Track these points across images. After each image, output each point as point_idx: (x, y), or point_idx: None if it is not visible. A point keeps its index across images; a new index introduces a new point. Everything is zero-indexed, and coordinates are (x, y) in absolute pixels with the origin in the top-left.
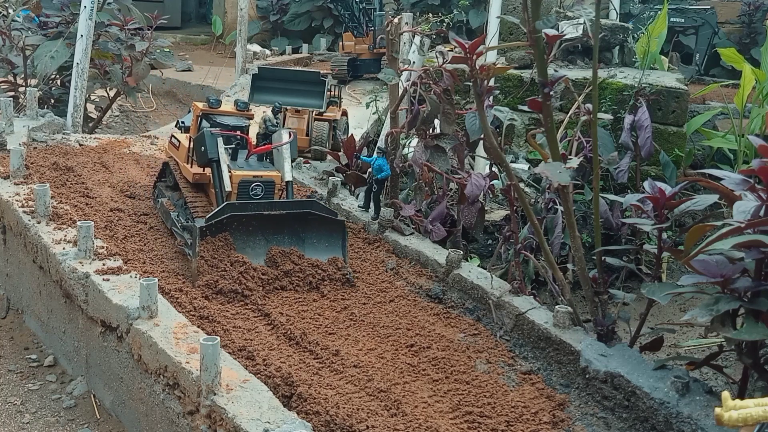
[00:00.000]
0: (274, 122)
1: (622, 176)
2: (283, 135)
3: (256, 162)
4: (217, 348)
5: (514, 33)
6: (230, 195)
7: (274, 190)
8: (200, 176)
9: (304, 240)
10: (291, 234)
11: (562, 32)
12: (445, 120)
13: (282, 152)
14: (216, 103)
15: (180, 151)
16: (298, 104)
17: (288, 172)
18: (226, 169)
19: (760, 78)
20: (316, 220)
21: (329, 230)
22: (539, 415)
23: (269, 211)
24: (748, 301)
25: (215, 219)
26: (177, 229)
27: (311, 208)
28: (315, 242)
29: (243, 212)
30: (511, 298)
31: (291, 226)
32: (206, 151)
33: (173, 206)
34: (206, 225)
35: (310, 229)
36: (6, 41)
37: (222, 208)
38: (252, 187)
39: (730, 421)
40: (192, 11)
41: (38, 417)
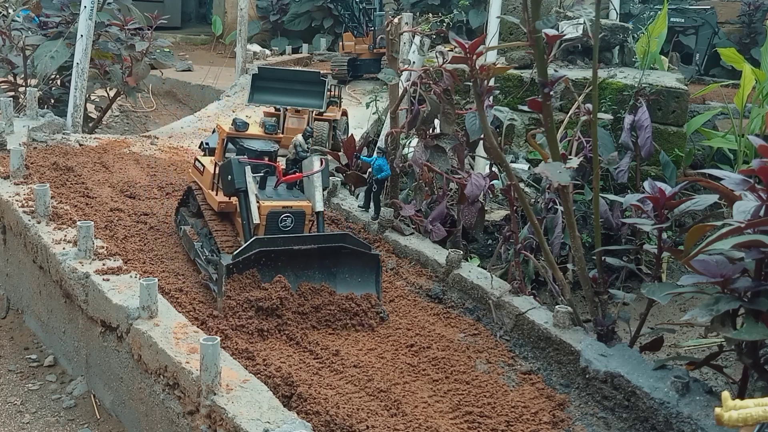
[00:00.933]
0: (304, 147)
1: (622, 176)
2: (315, 162)
3: (286, 191)
4: (217, 348)
5: (514, 33)
6: (258, 227)
7: (305, 221)
8: (226, 205)
9: (335, 275)
10: (322, 269)
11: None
12: (445, 120)
13: (313, 180)
14: (243, 126)
15: (204, 177)
16: (298, 104)
17: (319, 202)
18: (254, 200)
19: (760, 78)
20: (348, 253)
21: (362, 264)
22: (539, 415)
23: (300, 246)
24: (748, 301)
25: (243, 256)
26: (201, 262)
27: (344, 242)
28: (347, 277)
29: (272, 248)
30: (511, 298)
31: (322, 260)
32: (233, 180)
33: (197, 235)
34: (233, 262)
35: (341, 263)
36: (6, 41)
37: (250, 243)
38: (281, 219)
39: (730, 421)
40: (192, 11)
41: (38, 417)
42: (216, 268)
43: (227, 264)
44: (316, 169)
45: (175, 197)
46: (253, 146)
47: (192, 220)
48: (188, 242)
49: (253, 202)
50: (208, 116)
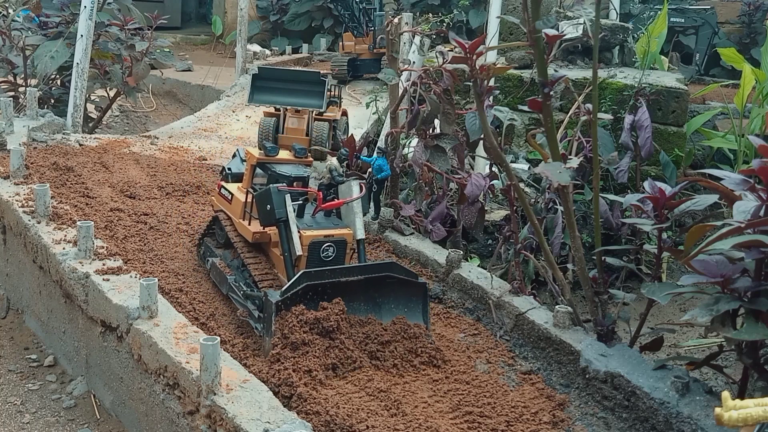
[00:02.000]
0: (340, 171)
1: (622, 176)
2: (353, 187)
3: (324, 218)
4: (217, 348)
5: (514, 33)
6: (300, 258)
7: (346, 250)
8: (261, 235)
9: (380, 306)
10: (367, 299)
11: (562, 32)
12: (445, 120)
13: (352, 206)
14: (273, 151)
15: (233, 206)
16: (298, 104)
17: (360, 230)
18: (295, 230)
19: (760, 78)
20: (394, 282)
21: (408, 294)
22: (539, 415)
23: (347, 278)
24: (748, 301)
25: (291, 291)
26: (237, 297)
27: (390, 271)
28: (393, 308)
29: (319, 281)
30: (511, 298)
31: (367, 290)
32: (273, 210)
33: (228, 268)
34: (282, 299)
35: (387, 293)
36: (6, 41)
37: (298, 278)
38: (323, 248)
39: (730, 421)
40: (192, 11)
41: (38, 417)
42: (256, 304)
43: (276, 301)
44: (356, 195)
45: (175, 197)
46: (284, 171)
47: (220, 252)
48: (219, 275)
49: (294, 233)
50: (208, 116)
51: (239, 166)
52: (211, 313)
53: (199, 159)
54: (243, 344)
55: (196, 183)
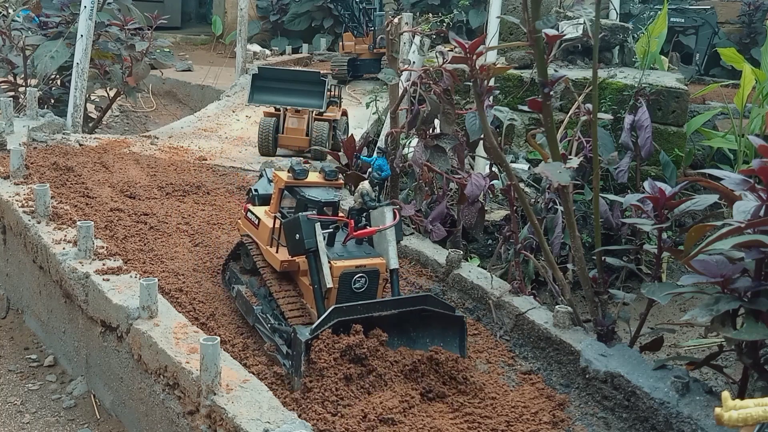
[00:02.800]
0: (372, 196)
1: (622, 176)
2: (387, 213)
3: (356, 247)
4: (217, 348)
5: (514, 33)
6: (330, 290)
7: (379, 281)
8: (289, 264)
9: (415, 340)
10: (400, 333)
11: (562, 32)
12: (445, 120)
13: (386, 234)
14: (302, 174)
15: (260, 232)
16: (298, 104)
17: (393, 259)
18: (326, 260)
19: (760, 78)
20: (429, 316)
21: (444, 327)
22: (539, 415)
23: (380, 312)
24: (748, 301)
25: (322, 329)
26: (265, 330)
27: (425, 304)
28: (428, 342)
29: (352, 316)
30: (511, 298)
31: (401, 324)
32: (302, 240)
33: (254, 297)
34: (312, 337)
35: (422, 327)
36: (6, 41)
37: (329, 314)
38: (355, 279)
39: (730, 421)
40: (192, 11)
41: (38, 417)
42: (285, 338)
43: (306, 340)
44: (390, 222)
45: (175, 197)
46: (314, 196)
47: (246, 278)
48: (244, 305)
49: (324, 263)
50: (208, 116)
51: (266, 187)
52: (211, 313)
53: (199, 159)
54: (243, 344)
55: (196, 183)
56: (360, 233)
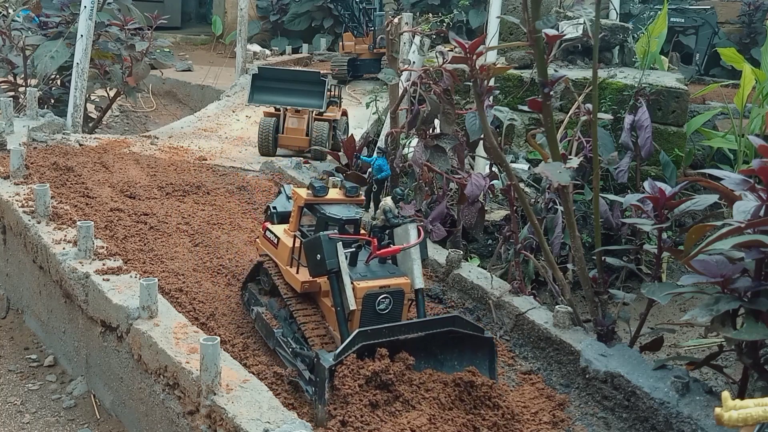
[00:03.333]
0: (395, 213)
1: (622, 176)
2: (411, 231)
3: (379, 266)
4: (217, 348)
5: (514, 33)
6: (353, 312)
7: (404, 301)
8: (310, 285)
9: (443, 363)
10: (427, 356)
11: (562, 32)
12: (445, 120)
13: (410, 252)
14: (322, 191)
15: (280, 251)
16: (298, 104)
17: (418, 278)
18: (348, 281)
19: (760, 78)
20: (457, 337)
21: (473, 349)
22: (539, 415)
23: (407, 335)
24: (748, 301)
25: (345, 354)
26: (286, 355)
27: (453, 325)
28: (456, 364)
29: (377, 340)
30: (511, 298)
31: (428, 346)
32: (324, 260)
33: (274, 319)
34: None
35: (449, 349)
36: (6, 41)
37: (353, 339)
38: (379, 301)
39: (730, 421)
40: (192, 11)
41: (38, 417)
42: (307, 363)
43: (330, 366)
44: (414, 240)
45: (175, 197)
46: (334, 213)
47: (265, 300)
48: (264, 327)
49: (347, 284)
50: (208, 116)
51: (285, 205)
52: (211, 313)
53: (199, 159)
54: (243, 344)
55: (196, 183)
56: (383, 252)
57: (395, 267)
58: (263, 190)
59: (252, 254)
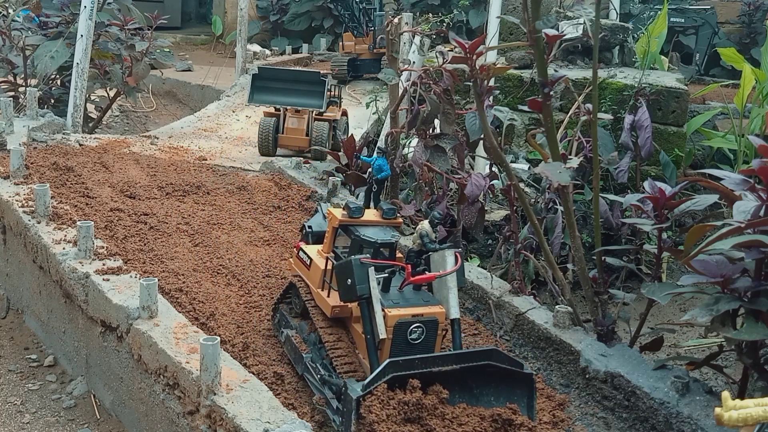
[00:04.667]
0: (432, 237)
1: (622, 176)
2: (448, 258)
3: (413, 293)
4: (217, 348)
5: (514, 33)
6: (384, 341)
7: (437, 331)
8: (341, 310)
9: (478, 398)
10: (462, 390)
11: (562, 32)
12: (445, 120)
13: (446, 280)
14: (357, 212)
15: (312, 273)
16: (298, 104)
17: (454, 308)
18: (379, 308)
19: (760, 78)
20: (495, 372)
21: (511, 385)
22: (539, 415)
23: (441, 368)
24: (748, 301)
25: (374, 385)
26: (314, 380)
27: (490, 359)
28: (492, 400)
29: (409, 371)
30: (511, 298)
31: (463, 380)
32: (354, 286)
33: (303, 343)
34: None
35: (486, 383)
36: (6, 41)
37: (383, 369)
38: (411, 330)
39: (730, 421)
40: (192, 11)
41: (38, 417)
42: (335, 391)
43: (357, 397)
44: (451, 267)
45: (175, 197)
46: (369, 236)
47: (296, 322)
48: (294, 351)
49: (378, 312)
50: (208, 116)
51: (321, 224)
52: (211, 313)
53: (199, 159)
54: (243, 344)
55: (196, 183)
56: (418, 279)
57: (430, 295)
58: (263, 190)
59: (252, 254)
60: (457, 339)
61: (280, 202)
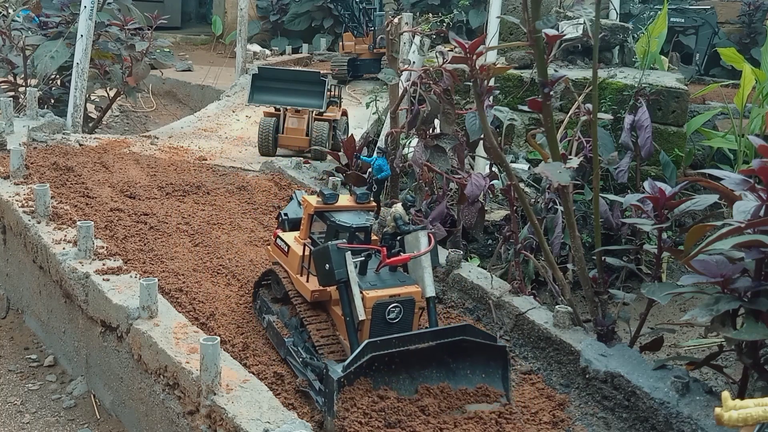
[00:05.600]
0: (405, 220)
1: (622, 176)
2: (421, 239)
3: (389, 274)
4: (217, 348)
5: (514, 33)
6: (363, 322)
7: (414, 310)
8: (320, 294)
9: (455, 372)
10: (439, 366)
11: (562, 32)
12: (445, 120)
13: (420, 260)
14: (332, 198)
15: (290, 259)
16: (298, 104)
17: (430, 286)
18: (357, 291)
19: (760, 78)
20: (470, 347)
21: (486, 358)
22: (539, 415)
23: (417, 345)
24: (748, 301)
25: (355, 365)
26: (296, 364)
27: (464, 334)
28: (469, 373)
29: (387, 351)
30: (511, 298)
31: (439, 356)
32: (332, 270)
33: (285, 327)
34: (345, 375)
35: (462, 357)
36: (6, 41)
37: (362, 349)
38: (389, 310)
39: (730, 421)
40: (192, 11)
41: (38, 417)
42: (317, 373)
43: (338, 378)
44: (425, 248)
45: (175, 197)
46: (344, 221)
47: (276, 308)
48: (275, 336)
49: (356, 294)
50: (208, 116)
51: (297, 211)
52: (211, 313)
53: (199, 159)
54: (243, 344)
55: (196, 183)
56: (393, 261)
57: (406, 275)
58: (263, 190)
59: (252, 254)
60: (433, 316)
61: (280, 202)
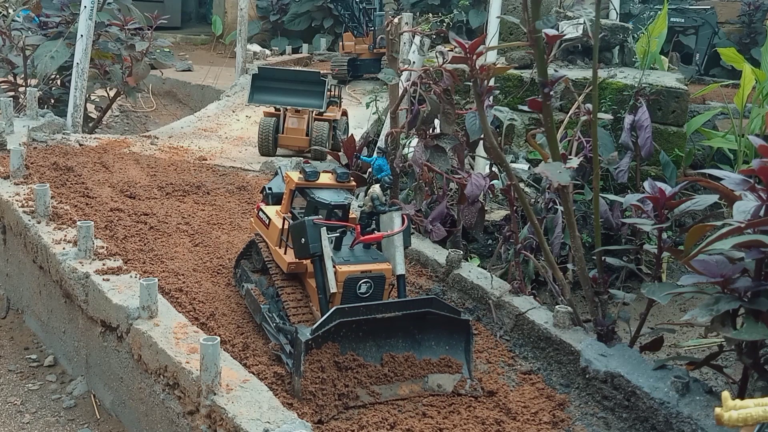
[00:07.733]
0: (382, 200)
1: (622, 176)
2: (395, 219)
3: (363, 251)
4: (217, 348)
5: (514, 33)
6: (335, 295)
7: (385, 286)
8: (296, 266)
9: (420, 343)
10: (405, 336)
11: (562, 32)
12: (445, 120)
13: (393, 239)
14: (313, 175)
15: (270, 232)
16: (298, 104)
17: (400, 264)
18: (330, 265)
19: (760, 78)
20: (435, 319)
21: (450, 330)
22: (539, 415)
23: (383, 314)
24: (748, 301)
25: (323, 329)
26: (270, 329)
27: (430, 307)
28: (433, 345)
29: (354, 317)
30: (511, 298)
31: (406, 327)
32: (307, 244)
33: (262, 296)
34: (312, 337)
35: (427, 329)
36: (6, 41)
37: (330, 315)
38: (360, 284)
39: (730, 421)
40: (192, 11)
41: (38, 417)
42: (289, 338)
43: (306, 340)
44: (398, 228)
45: (175, 197)
46: (324, 198)
47: (255, 277)
48: (252, 303)
49: (329, 268)
50: (208, 116)
51: (280, 186)
52: (211, 313)
53: (199, 159)
54: (243, 344)
55: (196, 183)
56: (367, 238)
57: (379, 253)
58: None
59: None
60: (402, 293)
61: None
